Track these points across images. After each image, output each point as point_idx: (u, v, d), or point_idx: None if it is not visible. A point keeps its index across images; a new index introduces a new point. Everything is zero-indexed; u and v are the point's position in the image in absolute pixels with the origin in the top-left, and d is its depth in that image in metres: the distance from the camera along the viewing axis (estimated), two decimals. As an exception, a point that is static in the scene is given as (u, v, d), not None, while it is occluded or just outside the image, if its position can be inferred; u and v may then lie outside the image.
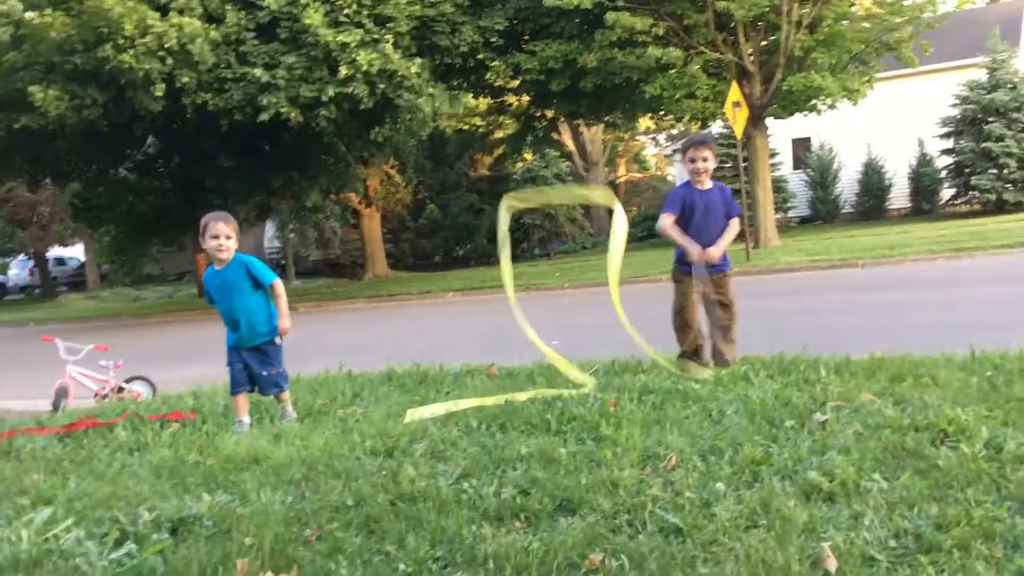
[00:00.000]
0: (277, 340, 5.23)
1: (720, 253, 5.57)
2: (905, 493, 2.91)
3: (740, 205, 5.85)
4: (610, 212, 5.89)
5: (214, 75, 17.01)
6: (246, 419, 5.14)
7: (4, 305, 37.63)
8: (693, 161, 5.61)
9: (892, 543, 2.58)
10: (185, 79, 16.36)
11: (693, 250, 5.47)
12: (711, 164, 5.63)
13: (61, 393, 7.95)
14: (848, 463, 3.22)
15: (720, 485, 3.16)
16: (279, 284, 5.22)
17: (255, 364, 5.17)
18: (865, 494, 2.96)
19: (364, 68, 17.00)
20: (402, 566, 2.70)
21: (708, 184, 5.67)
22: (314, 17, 16.83)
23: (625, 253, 5.79)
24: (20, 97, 16.24)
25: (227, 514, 3.30)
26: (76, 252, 45.26)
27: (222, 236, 5.00)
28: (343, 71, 17.02)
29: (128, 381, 8.43)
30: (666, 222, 5.64)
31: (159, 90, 16.17)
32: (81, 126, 17.53)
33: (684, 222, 5.63)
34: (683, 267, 5.72)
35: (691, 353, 5.70)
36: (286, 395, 5.34)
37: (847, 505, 2.88)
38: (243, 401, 5.22)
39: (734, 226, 5.76)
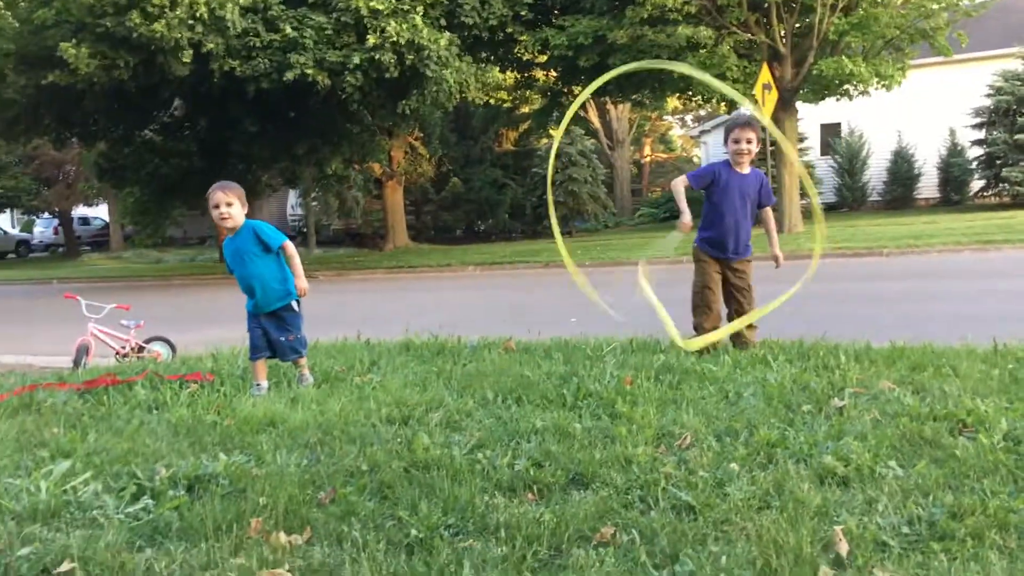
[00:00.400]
0: (295, 305, 5.25)
1: (781, 254, 5.81)
2: (920, 481, 2.90)
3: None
4: (633, 192, 5.85)
5: (242, 42, 17.00)
6: (264, 383, 5.19)
7: (29, 263, 38.06)
8: (737, 142, 5.52)
9: (905, 529, 2.56)
10: (211, 45, 16.35)
11: (685, 219, 5.44)
12: (755, 147, 5.56)
13: (82, 350, 8.02)
14: (864, 449, 3.20)
15: (734, 466, 3.16)
16: (289, 245, 5.24)
17: (273, 330, 5.22)
18: (880, 480, 2.94)
19: (393, 38, 16.93)
20: (414, 531, 2.72)
21: (747, 169, 5.61)
22: None
23: (647, 234, 5.77)
24: (49, 54, 16.30)
25: (243, 474, 3.34)
26: (100, 212, 45.67)
27: (222, 205, 5.01)
28: (371, 39, 16.95)
29: (148, 341, 8.50)
30: (679, 184, 5.62)
31: (187, 56, 16.19)
32: (110, 86, 17.58)
33: (715, 200, 5.58)
34: (708, 247, 5.69)
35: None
36: (304, 360, 5.40)
37: (861, 490, 2.87)
38: (262, 366, 5.26)
39: (770, 217, 5.75)
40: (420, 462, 3.37)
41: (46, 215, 43.10)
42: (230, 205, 5.02)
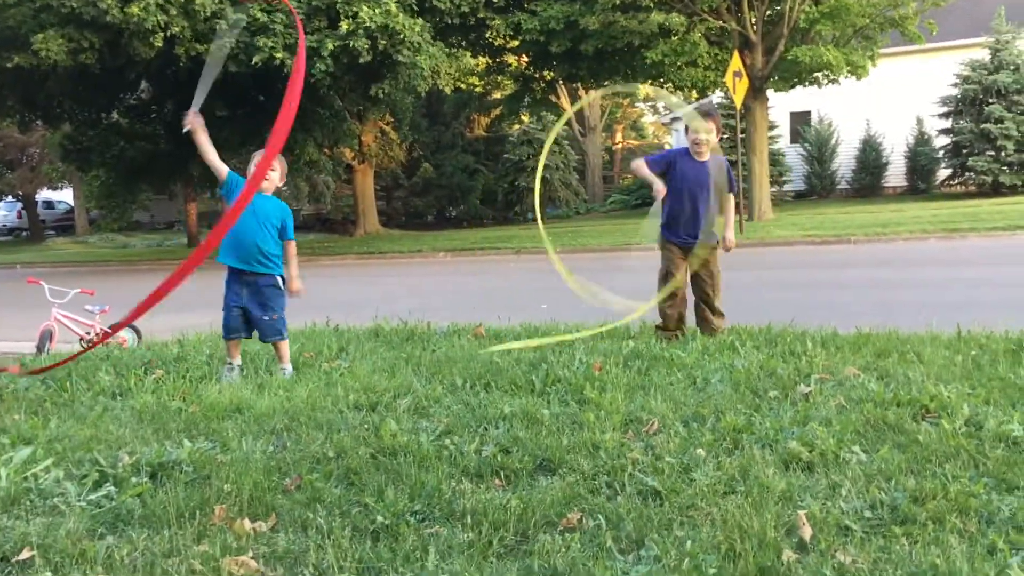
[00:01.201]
0: (279, 282, 5.18)
1: (734, 239, 5.67)
2: (883, 466, 2.93)
3: (736, 177, 5.80)
4: (605, 179, 5.87)
5: (209, 25, 16.77)
6: (237, 361, 5.12)
7: (-8, 247, 37.43)
8: (696, 132, 5.55)
9: (868, 514, 2.59)
10: (176, 28, 16.12)
11: (658, 185, 5.50)
12: (713, 138, 5.58)
13: (45, 336, 7.92)
14: (829, 434, 3.23)
15: (700, 451, 3.17)
16: (294, 246, 5.27)
17: (255, 308, 5.10)
18: (844, 465, 2.97)
19: (366, 23, 16.79)
20: (380, 518, 2.70)
21: (706, 156, 5.62)
22: None
23: (618, 221, 5.79)
24: (13, 35, 15.99)
25: (207, 460, 3.30)
26: (65, 196, 44.96)
27: (275, 167, 5.06)
28: (344, 25, 16.79)
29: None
30: (639, 163, 5.71)
31: (158, 40, 15.95)
32: (74, 68, 17.29)
33: (672, 187, 5.60)
34: (669, 234, 5.72)
35: (675, 323, 5.70)
36: (285, 347, 5.24)
37: (825, 475, 2.90)
38: (236, 346, 5.20)
39: (730, 202, 5.78)
40: (387, 448, 3.36)
41: (9, 198, 42.35)
42: (274, 170, 5.07)
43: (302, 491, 2.98)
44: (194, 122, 4.84)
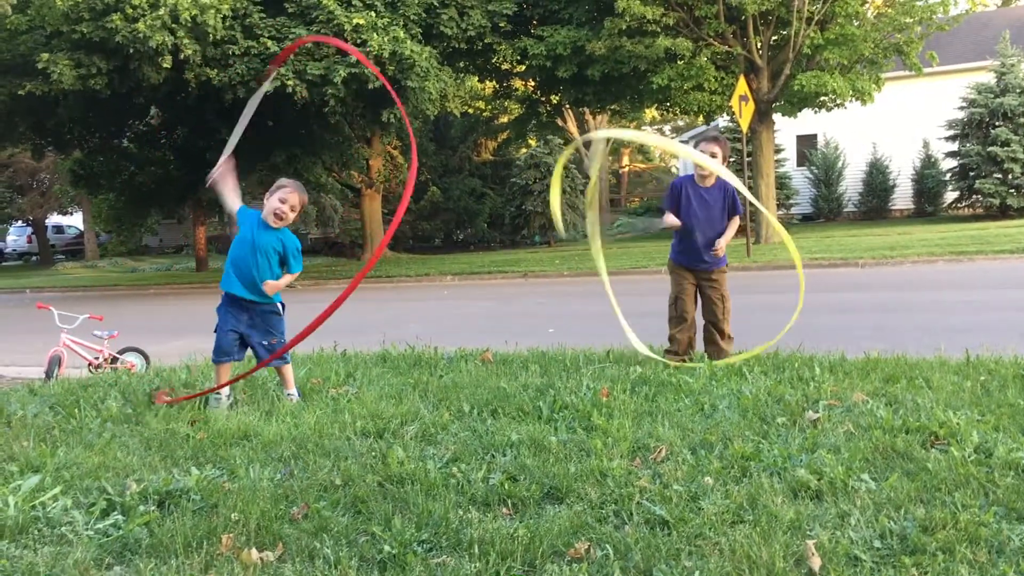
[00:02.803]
0: (280, 309, 5.17)
1: (723, 248, 5.62)
2: (892, 494, 2.91)
3: (744, 202, 5.74)
4: (611, 202, 5.89)
5: (220, 50, 16.94)
6: (226, 392, 5.01)
7: (1, 271, 37.60)
8: (699, 168, 5.59)
9: (877, 543, 2.57)
10: (189, 51, 16.28)
11: (667, 219, 5.62)
12: (719, 161, 5.60)
13: (54, 361, 7.94)
14: (837, 462, 3.22)
15: (708, 479, 3.16)
16: (292, 278, 5.20)
17: (255, 334, 5.07)
18: (853, 493, 2.96)
19: (376, 51, 16.94)
20: (387, 547, 2.70)
21: (711, 181, 5.65)
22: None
23: (625, 245, 5.80)
24: (24, 62, 16.17)
25: (215, 489, 3.30)
26: (75, 221, 45.23)
27: (287, 205, 4.99)
28: (354, 54, 16.96)
29: (122, 352, 8.42)
30: (667, 218, 5.71)
31: (166, 62, 16.10)
32: (84, 94, 17.46)
33: (681, 214, 5.65)
34: (679, 258, 5.74)
35: (684, 348, 5.71)
36: (289, 371, 5.20)
37: (834, 504, 2.88)
38: (226, 371, 5.07)
39: (733, 224, 5.78)
40: (394, 476, 3.35)
41: (19, 223, 42.61)
42: (293, 210, 5.04)
43: (309, 520, 2.98)
44: (222, 173, 4.84)
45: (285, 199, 4.97)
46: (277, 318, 5.18)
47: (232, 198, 5.07)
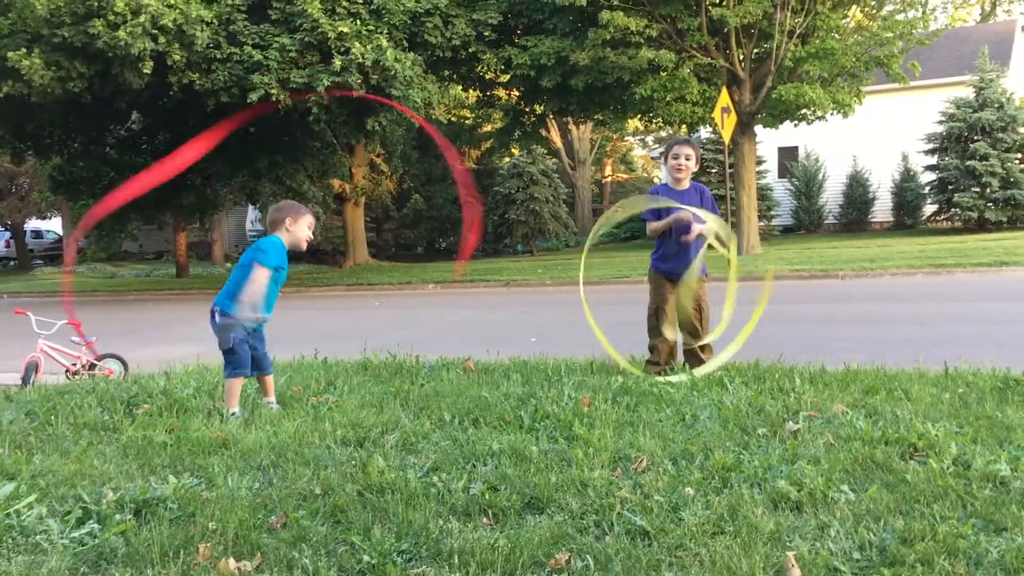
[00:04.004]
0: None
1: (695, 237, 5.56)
2: (872, 505, 2.92)
3: (723, 211, 5.75)
4: (594, 212, 5.90)
5: (202, 55, 16.86)
6: (238, 408, 4.91)
7: (-21, 275, 37.19)
8: (676, 158, 5.63)
9: (856, 555, 2.58)
10: (176, 56, 16.19)
11: (682, 214, 5.49)
12: (692, 164, 5.63)
13: (31, 368, 7.85)
14: (817, 473, 3.23)
15: (689, 490, 3.16)
16: (262, 273, 4.92)
17: (259, 343, 5.09)
18: (832, 505, 2.97)
19: (359, 59, 16.91)
20: (366, 557, 2.68)
21: (686, 184, 5.69)
22: (313, 6, 16.77)
23: (607, 254, 5.82)
24: (3, 65, 16.02)
25: (192, 497, 3.27)
26: (53, 226, 44.81)
27: (312, 229, 5.20)
28: (338, 62, 16.91)
29: (100, 358, 8.34)
30: (651, 226, 5.70)
31: (148, 67, 16.00)
32: (64, 98, 17.31)
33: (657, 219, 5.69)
34: (659, 265, 5.77)
35: (665, 359, 5.72)
36: (271, 380, 5.20)
37: (814, 515, 2.89)
38: (240, 386, 4.99)
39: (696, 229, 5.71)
40: (374, 485, 3.34)
41: (-2, 227, 42.19)
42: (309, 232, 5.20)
43: (288, 529, 2.95)
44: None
45: (311, 225, 5.19)
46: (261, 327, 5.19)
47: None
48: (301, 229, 5.00)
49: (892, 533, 2.69)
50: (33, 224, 43.62)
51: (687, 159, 5.61)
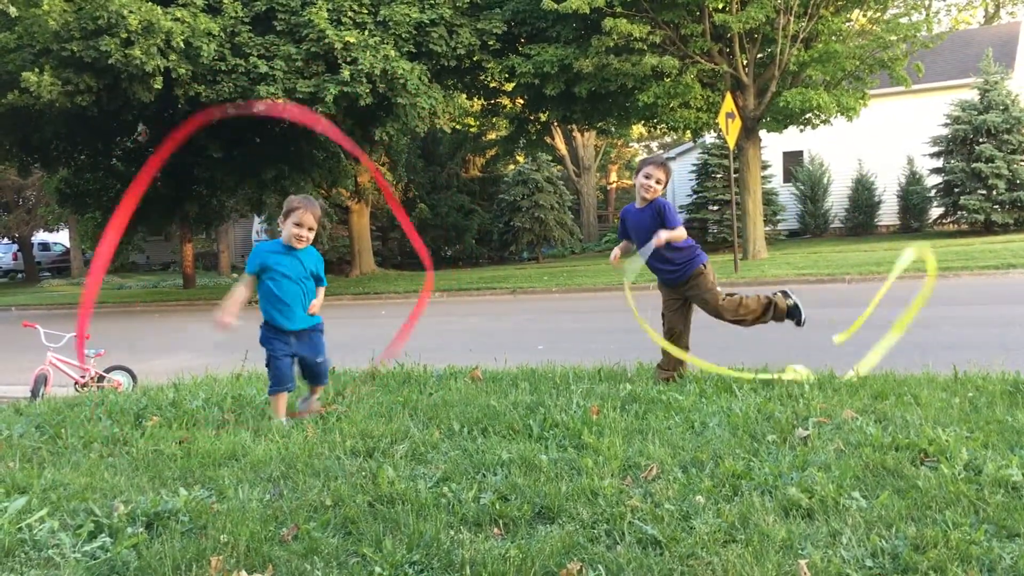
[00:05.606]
0: (322, 327, 5.19)
1: (663, 239, 5.47)
2: (884, 512, 2.91)
3: (728, 217, 5.72)
4: (599, 218, 5.91)
5: (207, 67, 16.94)
6: (283, 416, 4.95)
7: (-13, 288, 37.34)
8: (648, 178, 5.58)
9: (868, 562, 2.57)
10: (182, 70, 16.27)
11: (613, 253, 5.77)
12: (654, 184, 5.56)
13: (40, 380, 7.88)
14: (828, 480, 3.22)
15: (700, 498, 3.16)
16: (323, 291, 5.18)
17: (309, 352, 5.04)
18: (844, 512, 2.96)
19: (366, 69, 16.97)
20: (378, 569, 2.68)
21: (645, 203, 5.65)
22: (319, 17, 16.84)
23: (617, 260, 5.82)
24: (10, 79, 16.10)
25: (203, 510, 3.28)
26: (61, 238, 45.00)
27: (305, 227, 4.90)
28: (345, 72, 16.97)
29: (108, 370, 8.37)
30: (679, 231, 5.67)
31: (158, 82, 16.09)
32: (71, 110, 17.40)
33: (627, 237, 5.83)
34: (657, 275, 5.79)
35: (673, 364, 5.69)
36: (319, 390, 5.33)
37: (825, 522, 2.88)
38: (284, 400, 5.00)
39: (663, 232, 5.59)
40: (385, 496, 3.34)
41: (5, 240, 42.37)
42: (312, 229, 4.94)
43: (299, 541, 2.96)
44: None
45: (300, 222, 4.88)
46: (320, 336, 5.17)
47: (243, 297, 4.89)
48: (287, 227, 4.94)
49: (904, 540, 2.68)
50: (40, 236, 43.83)
51: (657, 183, 5.58)
